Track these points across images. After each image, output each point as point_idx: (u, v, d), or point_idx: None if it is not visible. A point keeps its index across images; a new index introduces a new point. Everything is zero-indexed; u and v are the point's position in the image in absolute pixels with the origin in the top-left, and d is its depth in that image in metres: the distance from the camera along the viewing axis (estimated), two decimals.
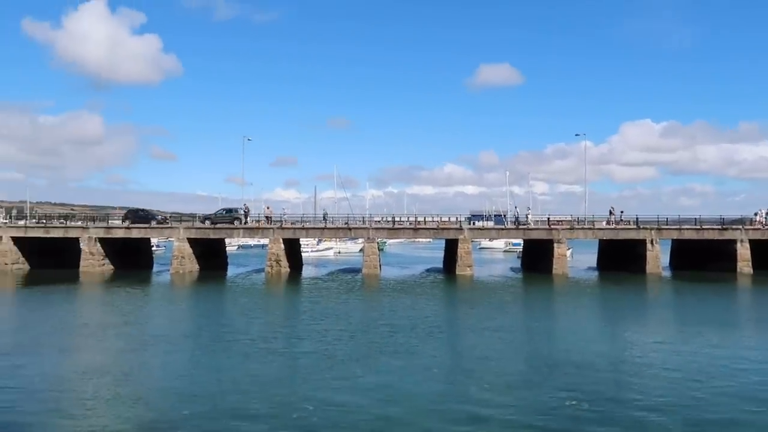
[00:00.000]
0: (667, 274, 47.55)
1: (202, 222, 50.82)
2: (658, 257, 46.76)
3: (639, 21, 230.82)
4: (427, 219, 56.06)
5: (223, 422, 11.93)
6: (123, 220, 52.18)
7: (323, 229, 51.46)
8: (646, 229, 47.26)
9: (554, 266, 45.78)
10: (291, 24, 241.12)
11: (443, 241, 55.33)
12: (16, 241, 48.27)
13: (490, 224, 60.11)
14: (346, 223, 51.85)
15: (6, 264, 47.08)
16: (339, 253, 78.85)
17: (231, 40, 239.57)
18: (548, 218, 53.20)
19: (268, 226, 48.70)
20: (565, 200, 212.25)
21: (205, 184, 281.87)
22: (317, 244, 78.40)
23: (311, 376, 15.50)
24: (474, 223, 52.33)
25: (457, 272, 46.26)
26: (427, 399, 13.64)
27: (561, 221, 51.33)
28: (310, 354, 18.24)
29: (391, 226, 52.24)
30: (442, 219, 53.86)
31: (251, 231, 51.37)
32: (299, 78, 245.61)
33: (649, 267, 45.85)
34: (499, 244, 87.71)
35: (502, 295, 36.20)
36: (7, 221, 55.82)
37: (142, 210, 54.70)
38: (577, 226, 50.09)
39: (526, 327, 24.12)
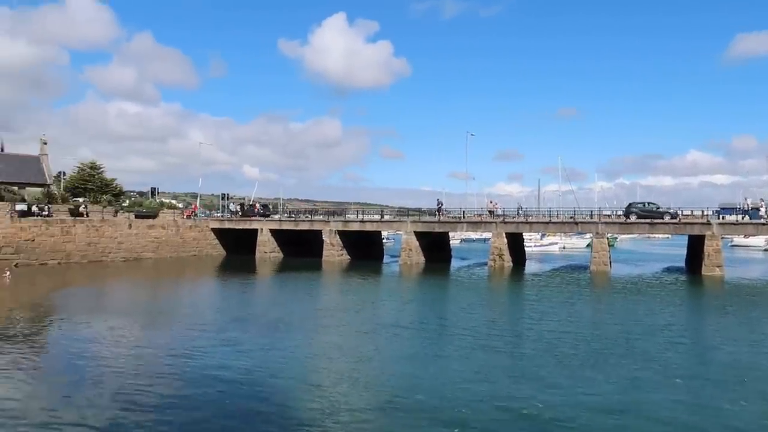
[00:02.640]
0: None
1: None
2: None
3: None
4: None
5: (453, 413, 12.18)
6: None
7: (548, 223, 49.81)
8: None
9: None
10: (514, 17, 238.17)
11: (684, 238, 49.53)
12: (273, 232, 55.73)
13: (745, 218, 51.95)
14: (572, 217, 49.43)
15: (265, 252, 54.65)
16: (564, 248, 75.58)
17: (456, 38, 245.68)
18: None
19: (491, 219, 48.72)
20: None
21: (429, 179, 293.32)
22: (541, 239, 76.18)
23: (539, 377, 15.04)
24: (723, 218, 45.66)
25: (703, 273, 41.06)
26: (672, 412, 12.29)
27: None
28: (535, 354, 17.60)
29: (623, 220, 48.37)
30: (684, 213, 48.11)
31: (474, 225, 51.94)
32: (523, 71, 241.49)
33: None
34: (758, 241, 75.75)
35: (760, 300, 31.14)
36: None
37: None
38: None
39: None
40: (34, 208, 46.55)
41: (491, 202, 54.71)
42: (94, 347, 17.83)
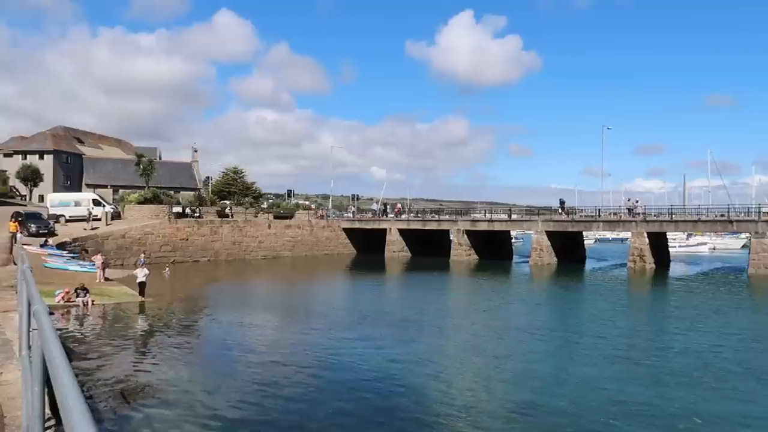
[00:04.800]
0: None
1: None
2: None
3: None
4: None
5: (591, 423, 11.52)
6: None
7: (697, 221, 45.66)
8: None
9: None
10: (654, 3, 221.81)
11: None
12: (401, 232, 56.54)
13: None
14: (723, 215, 44.91)
15: (393, 251, 55.60)
16: (714, 249, 69.07)
17: (590, 29, 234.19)
18: None
19: (630, 218, 45.66)
20: None
21: (559, 177, 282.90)
22: (687, 239, 70.22)
23: (689, 394, 13.75)
24: None
25: None
26: None
27: None
28: (684, 369, 15.69)
29: None
30: None
31: (611, 224, 49.04)
32: (666, 60, 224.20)
33: None
34: None
35: None
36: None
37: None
38: None
39: None
40: (187, 210, 51.20)
41: (629, 200, 51.30)
42: (241, 337, 19.13)
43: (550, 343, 18.85)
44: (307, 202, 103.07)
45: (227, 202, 63.16)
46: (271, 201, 79.20)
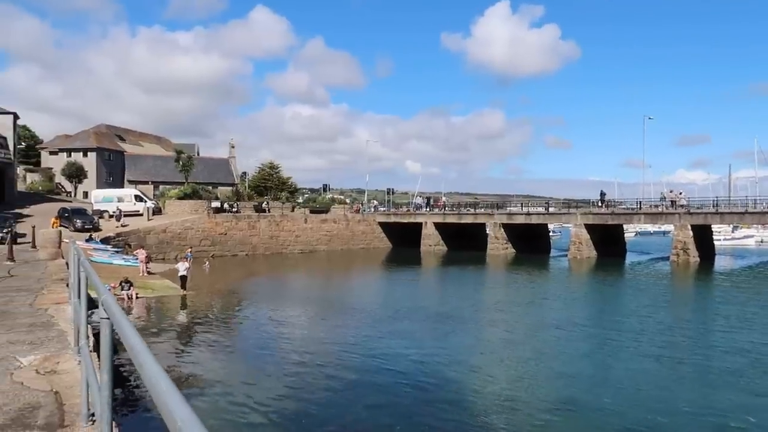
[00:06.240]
0: None
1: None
2: None
3: None
4: None
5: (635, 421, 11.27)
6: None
7: (743, 213, 44.15)
8: None
9: None
10: None
11: None
12: (437, 226, 56.32)
13: None
14: None
15: (429, 245, 55.44)
16: (762, 242, 66.76)
17: (630, 17, 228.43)
18: None
19: (673, 210, 44.46)
20: None
21: (598, 169, 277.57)
22: (732, 232, 68.07)
23: (740, 390, 13.31)
24: None
25: None
26: None
27: None
28: (731, 365, 15.20)
29: None
30: None
31: (653, 216, 47.86)
32: (713, 45, 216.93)
33: None
34: None
35: None
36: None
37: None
38: None
39: None
40: (225, 206, 52.06)
41: (671, 191, 49.93)
42: (279, 331, 19.36)
43: (590, 340, 18.49)
44: (342, 197, 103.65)
45: (265, 198, 63.96)
46: (306, 196, 79.92)
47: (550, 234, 63.02)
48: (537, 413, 11.58)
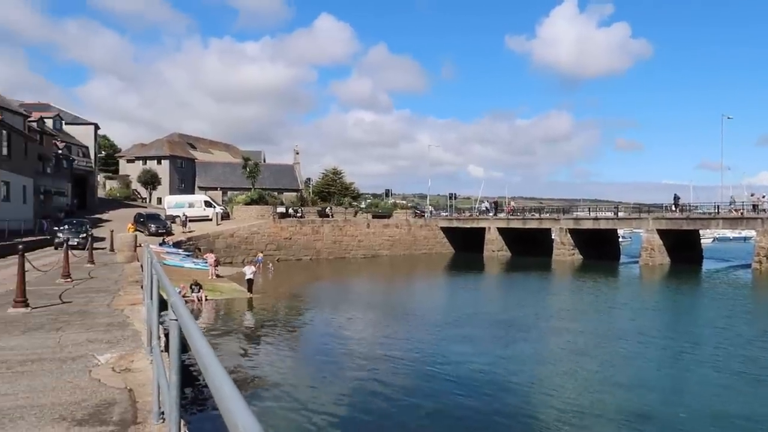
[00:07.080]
0: None
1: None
2: None
3: None
4: None
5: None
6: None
7: None
8: None
9: None
10: None
11: None
12: (501, 231, 55.43)
13: None
14: None
15: (493, 251, 54.61)
16: None
17: (705, 11, 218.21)
18: None
19: (756, 215, 41.92)
20: None
21: (671, 172, 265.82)
22: None
23: None
24: None
25: None
26: None
27: None
28: None
29: None
30: None
31: (733, 222, 45.28)
32: None
33: None
34: None
35: None
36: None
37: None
38: None
39: None
40: (290, 211, 53.24)
41: (753, 194, 47.11)
42: (342, 335, 19.56)
43: (662, 352, 17.63)
44: (404, 202, 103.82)
45: (328, 203, 64.91)
46: (369, 201, 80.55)
47: (620, 240, 60.72)
48: (605, 424, 11.14)
